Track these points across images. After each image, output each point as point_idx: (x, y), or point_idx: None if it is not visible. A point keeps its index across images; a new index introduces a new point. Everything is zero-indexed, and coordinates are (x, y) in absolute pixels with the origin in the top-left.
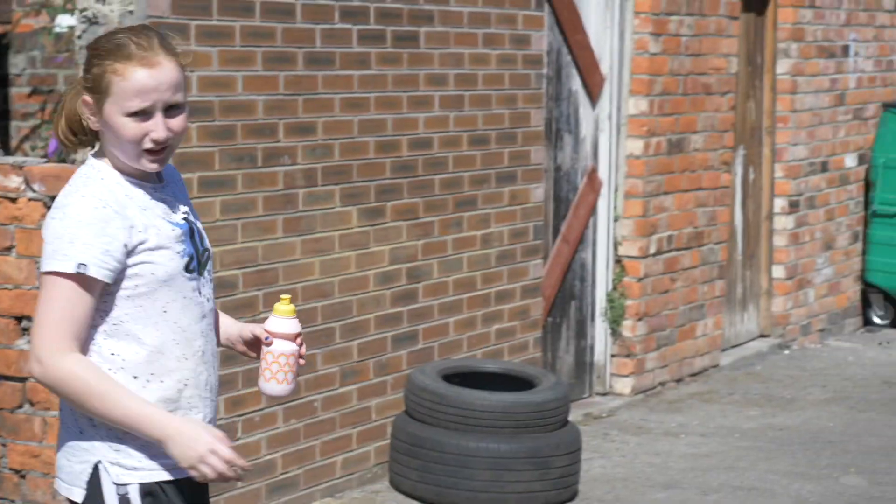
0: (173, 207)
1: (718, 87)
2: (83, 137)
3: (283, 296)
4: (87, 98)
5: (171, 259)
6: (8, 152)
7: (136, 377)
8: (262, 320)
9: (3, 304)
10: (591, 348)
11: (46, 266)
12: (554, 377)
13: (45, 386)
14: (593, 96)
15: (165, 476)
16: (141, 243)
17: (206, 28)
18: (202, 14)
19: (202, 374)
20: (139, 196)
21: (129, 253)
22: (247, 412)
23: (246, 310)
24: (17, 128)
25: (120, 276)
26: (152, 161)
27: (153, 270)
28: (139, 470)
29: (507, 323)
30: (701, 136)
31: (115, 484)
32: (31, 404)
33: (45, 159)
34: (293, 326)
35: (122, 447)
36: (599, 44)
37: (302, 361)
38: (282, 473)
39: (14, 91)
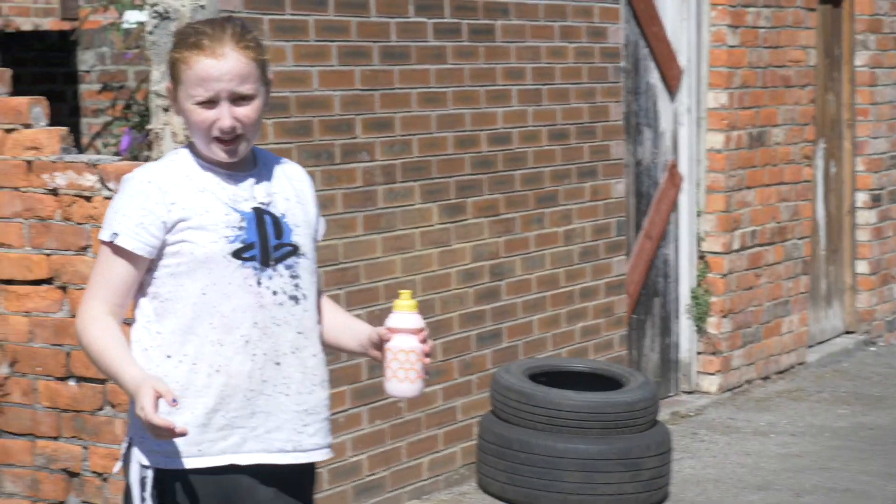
0: (247, 194)
1: (797, 80)
2: None
3: (402, 290)
4: (169, 84)
5: (214, 242)
6: (80, 150)
7: (169, 356)
8: None
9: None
10: (677, 346)
11: (100, 234)
12: (642, 376)
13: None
14: (672, 89)
15: (178, 465)
16: (182, 220)
17: (279, 22)
18: (275, 8)
19: (243, 365)
20: (203, 178)
21: (170, 229)
22: (332, 414)
23: None
24: (88, 125)
25: (161, 251)
26: (222, 149)
27: (192, 250)
28: (155, 454)
29: (591, 321)
30: (781, 129)
31: (138, 464)
32: (112, 406)
33: (118, 157)
34: (414, 321)
35: None
36: (676, 36)
37: (427, 360)
38: (368, 475)
39: (84, 88)
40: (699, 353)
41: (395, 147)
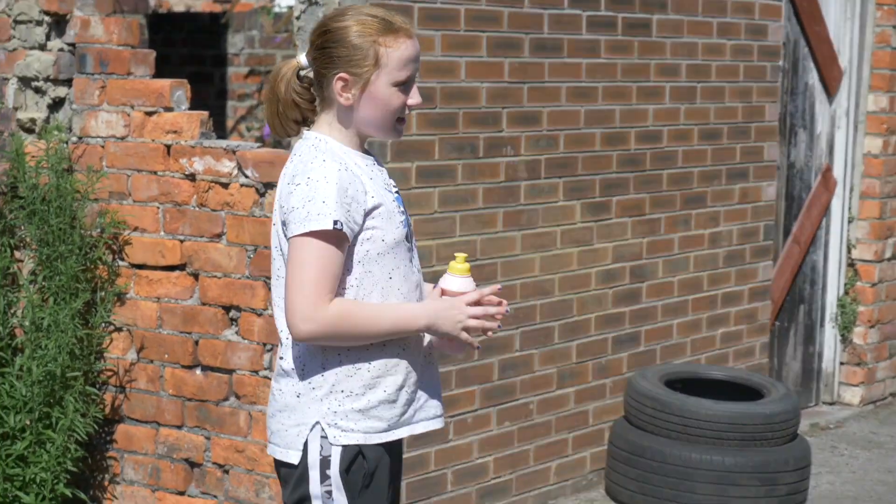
0: (388, 181)
1: None
2: (298, 122)
3: (457, 253)
4: (345, 75)
5: (397, 227)
6: (223, 132)
7: None
8: None
9: (211, 293)
10: (820, 355)
11: (302, 228)
12: (784, 387)
13: (315, 341)
14: (830, 91)
15: (373, 440)
16: (375, 208)
17: (430, 11)
18: None
19: (419, 340)
20: (362, 166)
21: (365, 216)
22: (459, 413)
23: None
24: (234, 108)
25: (354, 239)
26: (400, 129)
27: (383, 236)
28: (348, 432)
29: (732, 327)
30: None
31: (329, 443)
32: (238, 397)
33: (258, 144)
34: (466, 285)
35: (339, 409)
36: (838, 36)
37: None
38: (493, 478)
39: (231, 71)
40: (843, 364)
41: (541, 142)
